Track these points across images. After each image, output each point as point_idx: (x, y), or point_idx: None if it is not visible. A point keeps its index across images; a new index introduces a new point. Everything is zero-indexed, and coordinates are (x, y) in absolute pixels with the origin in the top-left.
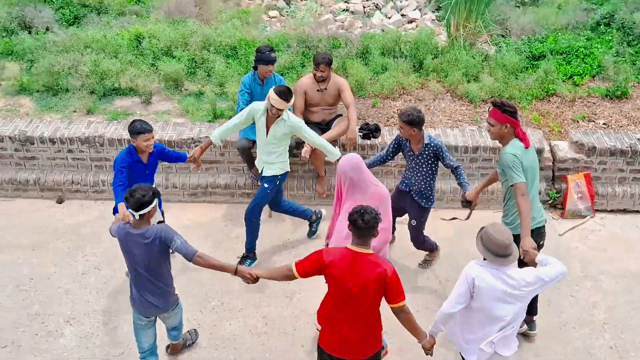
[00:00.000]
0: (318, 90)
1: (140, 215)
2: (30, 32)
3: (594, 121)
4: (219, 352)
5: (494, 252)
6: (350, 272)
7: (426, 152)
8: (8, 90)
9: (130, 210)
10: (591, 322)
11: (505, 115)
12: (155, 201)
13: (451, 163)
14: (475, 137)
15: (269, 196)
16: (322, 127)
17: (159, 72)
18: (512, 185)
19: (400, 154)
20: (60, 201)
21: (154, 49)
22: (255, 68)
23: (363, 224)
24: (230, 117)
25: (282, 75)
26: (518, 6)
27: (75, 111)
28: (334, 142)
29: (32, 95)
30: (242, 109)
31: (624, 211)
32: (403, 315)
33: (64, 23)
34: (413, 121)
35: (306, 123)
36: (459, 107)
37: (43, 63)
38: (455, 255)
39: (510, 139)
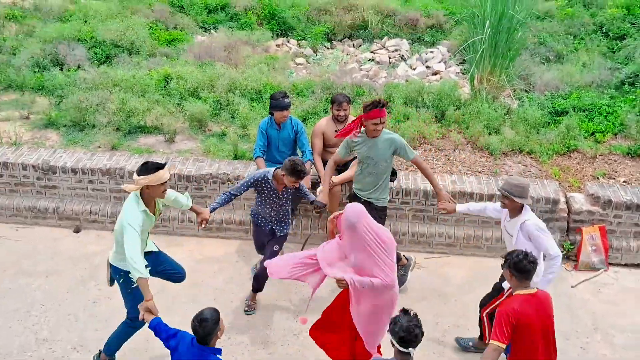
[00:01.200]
0: (336, 131)
1: None
2: (62, 69)
3: (614, 178)
4: None
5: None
6: (537, 314)
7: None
8: (36, 123)
9: None
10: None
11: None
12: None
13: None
14: (492, 185)
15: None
16: (339, 168)
17: (185, 112)
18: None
19: None
20: (77, 230)
21: (181, 90)
22: (271, 114)
23: (529, 265)
24: (250, 159)
25: (304, 120)
26: (543, 62)
27: (100, 147)
28: (349, 182)
29: (59, 129)
30: (258, 156)
31: (638, 266)
32: None
33: (95, 62)
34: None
35: (324, 164)
36: (478, 159)
37: (72, 99)
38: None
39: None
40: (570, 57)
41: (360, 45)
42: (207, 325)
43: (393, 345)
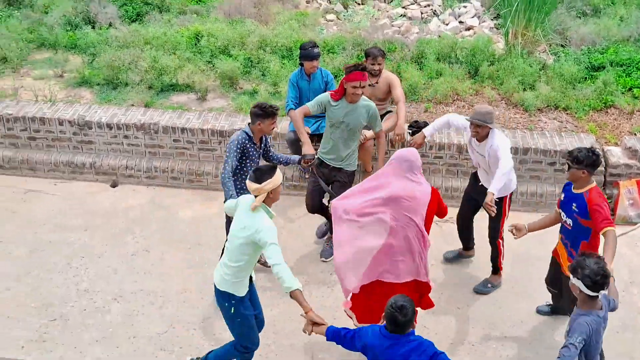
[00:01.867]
0: (370, 85)
1: None
2: (93, 27)
3: None
4: None
5: None
6: None
7: None
8: (70, 81)
9: None
10: (635, 328)
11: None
12: None
13: None
14: (527, 139)
15: None
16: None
17: (216, 70)
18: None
19: None
20: (114, 185)
21: (211, 47)
22: (301, 65)
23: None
24: (282, 117)
25: (335, 77)
26: (579, 16)
27: (133, 105)
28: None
29: (93, 87)
30: (290, 108)
31: None
32: None
33: (126, 20)
34: None
35: None
36: (513, 115)
37: (104, 57)
38: None
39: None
40: (607, 11)
41: (392, 1)
42: (407, 312)
43: (580, 292)
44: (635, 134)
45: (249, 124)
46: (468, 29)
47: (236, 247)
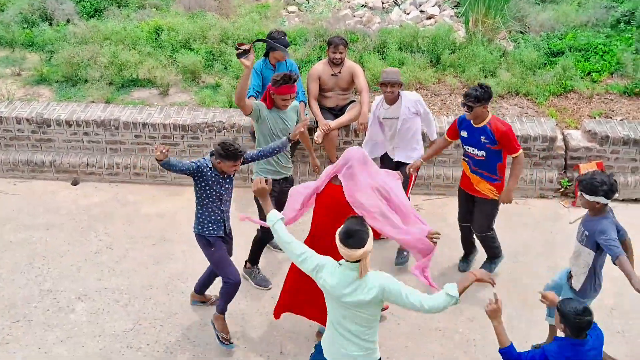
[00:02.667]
0: (332, 75)
1: None
2: (51, 24)
3: (611, 117)
4: None
5: None
6: None
7: None
8: (28, 80)
9: None
10: (599, 308)
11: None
12: None
13: None
14: None
15: None
16: (335, 113)
17: (177, 64)
18: None
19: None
20: (75, 183)
21: (172, 42)
22: (265, 55)
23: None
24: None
25: (298, 68)
26: (538, 3)
27: (93, 101)
28: (347, 127)
29: (52, 85)
30: (251, 95)
31: (636, 200)
32: None
33: (84, 15)
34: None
35: (320, 108)
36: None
37: (63, 54)
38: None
39: None
40: None
41: None
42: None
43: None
44: (594, 118)
45: (211, 153)
46: (429, 18)
47: (364, 319)
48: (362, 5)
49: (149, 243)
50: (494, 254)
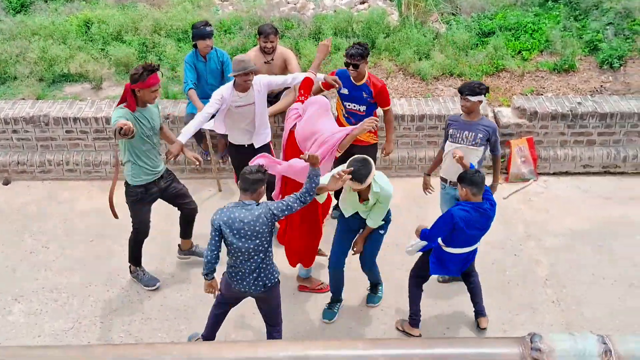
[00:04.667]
0: (265, 63)
1: None
2: None
3: (542, 94)
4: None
5: None
6: None
7: None
8: None
9: None
10: (534, 279)
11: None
12: None
13: None
14: (422, 105)
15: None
16: (270, 100)
17: (109, 58)
18: None
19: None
20: (6, 182)
21: (103, 34)
22: (195, 46)
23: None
24: (182, 99)
25: (231, 56)
26: None
27: (23, 99)
28: (283, 113)
29: None
30: (190, 88)
31: (566, 173)
32: None
33: (10, 11)
34: None
35: None
36: (411, 85)
37: None
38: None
39: None
40: None
41: None
42: None
43: None
44: (526, 95)
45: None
46: (362, 2)
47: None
48: None
49: (86, 240)
50: None
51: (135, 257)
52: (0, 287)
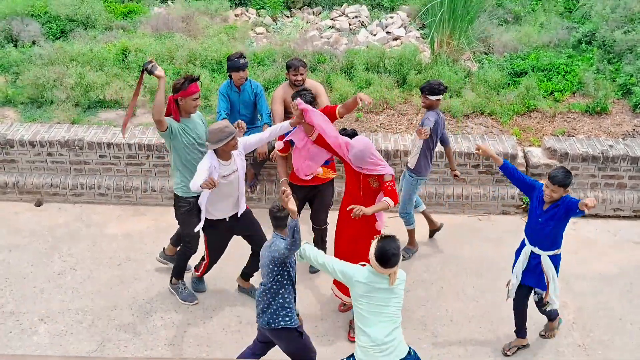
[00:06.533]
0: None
1: None
2: (16, 46)
3: (573, 136)
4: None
5: None
6: None
7: None
8: None
9: None
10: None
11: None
12: None
13: None
14: (452, 142)
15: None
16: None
17: (145, 85)
18: None
19: None
20: (38, 204)
21: (140, 63)
22: (230, 76)
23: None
24: None
25: (266, 89)
26: (501, 24)
27: (59, 123)
28: None
29: (17, 107)
30: (223, 117)
31: (596, 216)
32: None
33: (50, 37)
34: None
35: None
36: None
37: (28, 75)
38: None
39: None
40: (527, 18)
41: (320, 13)
42: None
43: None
44: (557, 136)
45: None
46: (395, 39)
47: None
48: (330, 27)
49: (113, 263)
50: None
51: (179, 270)
52: (27, 307)
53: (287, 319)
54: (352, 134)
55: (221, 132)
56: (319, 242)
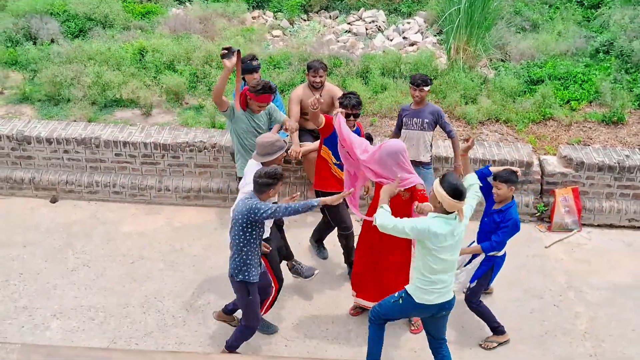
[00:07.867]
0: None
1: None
2: (35, 43)
3: (589, 145)
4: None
5: None
6: None
7: None
8: (10, 99)
9: None
10: (573, 331)
11: None
12: None
13: None
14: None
15: None
16: (315, 135)
17: (161, 85)
18: None
19: None
20: (54, 200)
21: (156, 63)
22: (244, 79)
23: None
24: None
25: (281, 92)
26: (518, 32)
27: (75, 120)
28: None
29: (34, 104)
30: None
31: (611, 226)
32: None
33: (69, 35)
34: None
35: (301, 129)
36: (456, 128)
37: (46, 73)
38: None
39: None
40: (545, 26)
41: (337, 17)
42: None
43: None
44: (573, 145)
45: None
46: (412, 44)
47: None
48: (346, 31)
49: (126, 261)
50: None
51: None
52: (40, 303)
53: (247, 274)
54: (367, 138)
55: (272, 146)
56: (344, 250)
